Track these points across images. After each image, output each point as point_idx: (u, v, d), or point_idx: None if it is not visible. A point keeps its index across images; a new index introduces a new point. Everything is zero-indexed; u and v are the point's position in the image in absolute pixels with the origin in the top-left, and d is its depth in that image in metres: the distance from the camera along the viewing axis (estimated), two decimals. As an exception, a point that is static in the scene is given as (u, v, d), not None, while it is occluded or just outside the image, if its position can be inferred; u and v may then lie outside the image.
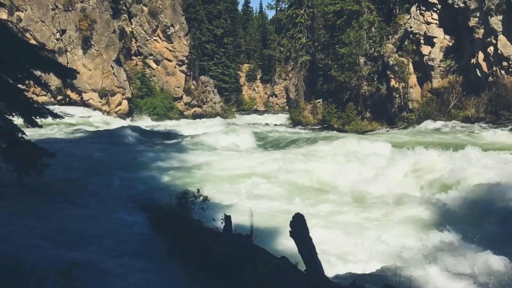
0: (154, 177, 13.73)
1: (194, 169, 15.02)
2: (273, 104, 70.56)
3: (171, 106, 44.12)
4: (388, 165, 14.01)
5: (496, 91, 27.29)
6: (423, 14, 32.68)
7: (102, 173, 13.59)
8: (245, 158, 17.18)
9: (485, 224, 9.20)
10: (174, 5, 45.15)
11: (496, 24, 27.84)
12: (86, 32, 38.50)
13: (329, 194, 12.05)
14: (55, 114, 10.77)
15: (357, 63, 34.19)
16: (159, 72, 45.16)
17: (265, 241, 7.56)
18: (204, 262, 6.63)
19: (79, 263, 4.60)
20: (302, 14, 41.87)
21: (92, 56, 39.14)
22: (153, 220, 8.89)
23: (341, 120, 33.86)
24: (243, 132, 24.76)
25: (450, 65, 31.28)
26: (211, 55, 57.00)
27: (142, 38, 44.55)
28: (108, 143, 20.32)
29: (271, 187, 12.61)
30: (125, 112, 40.07)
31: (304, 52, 42.39)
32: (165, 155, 17.63)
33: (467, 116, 27.93)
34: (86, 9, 38.94)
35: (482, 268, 7.04)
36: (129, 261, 6.89)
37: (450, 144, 17.61)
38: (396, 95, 33.38)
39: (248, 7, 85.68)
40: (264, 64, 72.69)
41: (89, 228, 8.35)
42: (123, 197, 11.06)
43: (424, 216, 10.00)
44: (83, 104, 39.16)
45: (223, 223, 6.94)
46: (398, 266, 6.22)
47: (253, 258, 6.14)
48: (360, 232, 9.09)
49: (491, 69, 28.39)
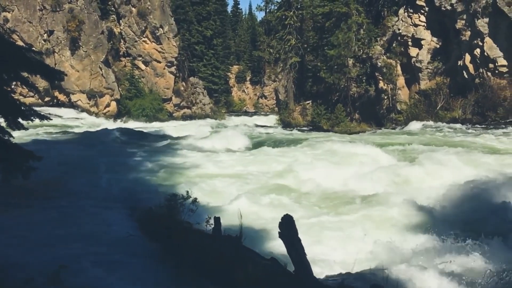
0: (142, 178, 13.66)
1: (182, 170, 14.98)
2: (262, 105, 70.60)
3: (160, 108, 43.93)
4: (371, 166, 14.15)
5: (482, 92, 27.65)
6: (411, 16, 33.01)
7: (90, 175, 13.49)
8: (235, 159, 17.16)
9: (469, 224, 9.33)
10: (163, 6, 45.00)
11: (482, 26, 28.21)
12: (74, 33, 38.21)
13: (313, 195, 12.06)
14: (42, 115, 10.64)
15: (346, 64, 34.39)
16: (148, 73, 44.95)
17: (254, 243, 7.57)
18: (193, 264, 6.62)
19: (66, 266, 4.57)
20: (291, 16, 41.98)
21: (80, 57, 38.84)
22: (141, 222, 8.85)
23: (330, 122, 34.01)
24: (233, 134, 24.74)
25: (437, 67, 31.62)
26: (201, 56, 56.87)
27: (131, 39, 44.31)
28: (96, 145, 20.16)
29: (260, 189, 12.61)
30: (114, 114, 39.81)
31: (294, 53, 42.50)
32: (153, 156, 17.55)
33: (454, 117, 28.27)
34: (74, 10, 38.64)
35: (466, 267, 7.14)
36: (118, 263, 6.85)
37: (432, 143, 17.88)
38: (385, 96, 33.64)
39: (238, 8, 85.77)
40: (253, 65, 72.73)
41: (76, 230, 8.28)
42: (111, 199, 10.99)
43: (409, 217, 10.09)
44: (71, 105, 38.84)
45: (213, 225, 6.93)
46: (385, 266, 6.28)
47: (243, 260, 6.15)
48: (346, 233, 9.14)
49: (477, 71, 28.76)
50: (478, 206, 10.11)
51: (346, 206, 11.08)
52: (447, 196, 10.80)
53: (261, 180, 13.55)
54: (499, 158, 14.88)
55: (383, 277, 5.72)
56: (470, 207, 10.12)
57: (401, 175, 13.08)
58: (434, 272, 6.83)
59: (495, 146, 18.26)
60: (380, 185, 12.42)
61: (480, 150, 16.68)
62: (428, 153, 15.28)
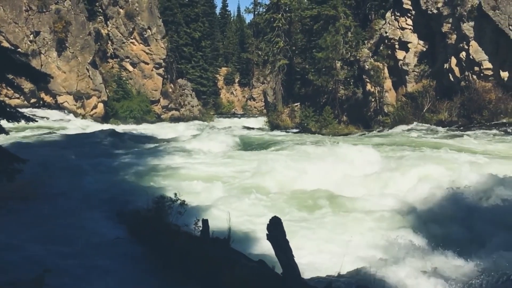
0: (130, 181, 13.57)
1: (170, 172, 14.92)
2: (251, 107, 70.65)
3: (148, 109, 43.71)
4: (356, 167, 14.26)
5: (468, 95, 28.00)
6: (398, 19, 33.32)
7: (76, 178, 13.35)
8: (223, 161, 17.15)
9: (452, 225, 9.44)
10: (151, 7, 44.82)
11: (468, 30, 28.59)
12: (61, 34, 37.85)
13: (303, 197, 12.10)
14: (28, 117, 10.52)
15: (334, 67, 34.59)
16: (135, 75, 44.70)
17: (242, 245, 7.58)
18: (181, 267, 6.60)
19: (52, 269, 4.52)
20: (280, 19, 42.14)
21: (67, 58, 38.49)
22: (129, 225, 8.80)
23: (318, 124, 34.15)
24: (221, 135, 24.72)
25: (424, 69, 31.95)
26: (189, 58, 56.73)
27: (119, 41, 44.04)
28: (83, 147, 19.99)
29: (249, 191, 12.61)
30: (101, 115, 39.50)
31: (282, 56, 42.65)
32: (141, 158, 17.45)
33: (441, 120, 28.57)
34: (61, 10, 38.29)
35: (451, 267, 7.23)
36: (105, 265, 6.80)
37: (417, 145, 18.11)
38: (372, 99, 33.89)
39: (226, 10, 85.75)
40: (242, 67, 72.76)
41: (62, 232, 8.20)
42: (98, 202, 10.90)
43: (395, 218, 10.18)
44: (57, 107, 38.43)
45: (201, 227, 6.92)
46: (372, 267, 6.33)
47: (231, 262, 6.15)
48: (332, 234, 9.19)
49: (463, 74, 29.13)
50: (461, 207, 10.24)
51: (330, 208, 11.13)
52: (437, 199, 10.91)
53: (249, 182, 13.54)
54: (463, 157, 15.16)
55: (369, 279, 5.77)
56: (458, 210, 10.23)
57: (390, 178, 13.16)
58: (420, 273, 6.90)
59: (466, 147, 18.56)
60: (363, 187, 12.50)
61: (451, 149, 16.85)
62: (417, 154, 15.51)
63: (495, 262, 7.31)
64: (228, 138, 23.98)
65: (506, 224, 9.12)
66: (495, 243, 8.33)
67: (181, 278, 6.47)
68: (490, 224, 9.30)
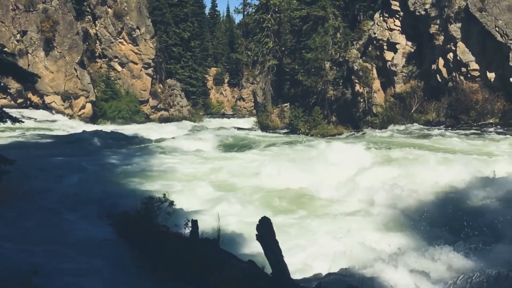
0: (118, 182, 13.48)
1: (159, 173, 14.85)
2: (240, 108, 70.60)
3: (137, 110, 43.47)
4: (345, 167, 14.35)
5: (455, 96, 28.29)
6: (386, 20, 33.54)
7: (64, 179, 13.23)
8: (212, 161, 17.11)
9: (443, 223, 9.52)
10: (140, 7, 44.59)
11: (455, 31, 28.89)
12: (48, 33, 37.48)
13: (292, 197, 12.13)
14: (15, 118, 10.43)
15: (323, 68, 34.71)
16: (124, 75, 44.42)
17: (232, 245, 7.58)
18: (170, 268, 6.57)
19: (39, 271, 4.47)
20: (269, 19, 42.17)
21: (54, 58, 38.12)
22: (118, 226, 8.73)
23: (307, 124, 34.23)
24: (209, 136, 24.68)
25: (412, 70, 32.20)
26: (178, 58, 56.53)
27: (107, 40, 43.73)
28: (70, 148, 19.82)
29: (238, 191, 12.61)
30: (89, 116, 39.19)
31: (271, 56, 42.69)
32: (129, 159, 17.35)
33: (428, 120, 28.82)
34: (48, 10, 37.91)
35: (441, 266, 7.29)
36: (94, 267, 6.74)
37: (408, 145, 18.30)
38: (361, 99, 34.08)
39: (215, 10, 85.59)
40: (231, 68, 72.68)
41: (51, 234, 8.12)
42: (86, 203, 10.80)
43: (384, 216, 10.25)
44: (45, 107, 38.04)
45: (190, 228, 6.90)
46: (361, 267, 6.37)
47: (220, 263, 6.14)
48: (322, 234, 9.22)
49: (450, 74, 29.42)
50: (452, 207, 10.34)
51: (320, 208, 11.18)
52: (427, 198, 11.00)
53: (238, 182, 13.54)
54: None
55: (358, 278, 5.80)
56: (445, 208, 10.34)
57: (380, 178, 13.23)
58: (409, 272, 6.95)
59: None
60: (355, 186, 12.56)
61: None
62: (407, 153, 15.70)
63: (485, 260, 7.39)
64: (217, 138, 23.94)
65: (493, 222, 9.23)
66: (483, 241, 8.42)
67: (170, 279, 6.45)
68: (476, 222, 9.40)
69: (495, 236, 8.75)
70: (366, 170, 13.94)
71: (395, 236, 8.75)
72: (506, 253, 7.85)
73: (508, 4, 27.24)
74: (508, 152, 16.99)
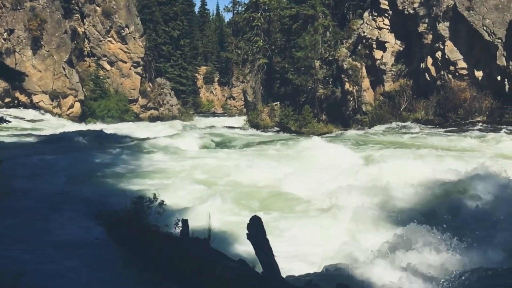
0: (108, 182, 13.38)
1: (149, 173, 14.78)
2: (231, 106, 70.58)
3: (126, 109, 43.23)
4: (334, 164, 14.42)
5: (444, 94, 28.55)
6: (375, 19, 33.71)
7: (52, 179, 13.10)
8: (202, 160, 17.05)
9: (434, 220, 9.58)
10: (129, 5, 44.32)
11: (443, 30, 29.14)
12: (36, 32, 37.11)
13: (279, 196, 12.14)
14: (1, 118, 10.31)
15: (313, 66, 34.79)
16: (113, 73, 44.13)
17: (223, 245, 7.56)
18: (160, 268, 6.53)
19: (26, 273, 4.41)
20: (259, 18, 42.13)
21: (42, 57, 37.74)
22: (107, 226, 8.66)
23: (298, 123, 34.31)
24: (200, 134, 24.62)
25: (401, 69, 32.42)
26: (168, 57, 56.33)
27: (95, 39, 43.40)
28: (59, 147, 19.63)
29: (229, 190, 12.59)
30: (78, 115, 38.89)
31: (261, 55, 42.66)
32: (118, 158, 17.24)
33: (417, 118, 29.06)
34: (36, 8, 37.52)
35: (432, 264, 7.33)
36: (82, 267, 6.68)
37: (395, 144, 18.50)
38: (350, 98, 34.22)
39: (205, 9, 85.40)
40: (221, 66, 72.60)
41: (38, 234, 8.02)
42: (75, 203, 10.70)
43: (374, 214, 10.30)
44: (33, 106, 37.68)
45: (180, 228, 6.86)
46: (351, 264, 6.39)
47: (211, 262, 6.12)
48: (312, 232, 9.24)
49: (439, 73, 29.68)
50: (447, 204, 10.41)
51: (308, 205, 11.20)
52: (417, 194, 11.07)
53: (229, 181, 13.52)
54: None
55: (349, 275, 5.82)
56: (440, 205, 10.41)
57: (369, 174, 13.32)
58: (399, 269, 6.99)
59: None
60: (344, 183, 12.61)
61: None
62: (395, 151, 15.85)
63: (474, 257, 7.45)
64: (207, 137, 23.90)
65: (481, 219, 9.31)
66: (472, 239, 8.50)
67: (161, 280, 6.40)
68: (465, 219, 9.49)
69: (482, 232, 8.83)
70: (349, 168, 14.02)
71: (384, 233, 8.78)
72: (495, 250, 7.93)
73: (495, 3, 27.54)
74: (484, 148, 17.56)
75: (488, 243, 8.16)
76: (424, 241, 7.98)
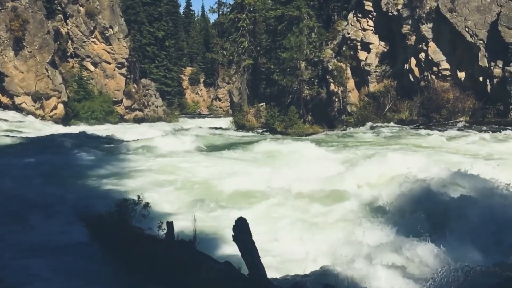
0: (91, 184, 13.20)
1: (133, 174, 14.62)
2: (217, 107, 70.41)
3: (111, 110, 42.77)
4: (318, 164, 14.50)
5: (427, 95, 28.89)
6: (360, 21, 33.98)
7: (32, 181, 12.85)
8: (187, 162, 16.95)
9: (418, 218, 9.65)
10: (113, 6, 43.90)
11: (426, 31, 29.49)
12: (18, 32, 36.50)
13: (265, 196, 12.11)
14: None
15: (298, 67, 34.91)
16: (97, 74, 43.66)
17: (208, 247, 7.51)
18: (145, 270, 6.46)
19: (4, 279, 4.30)
20: (244, 19, 42.12)
21: (24, 57, 37.14)
22: (91, 229, 8.54)
23: (284, 124, 34.40)
24: (185, 136, 24.47)
25: (385, 70, 32.72)
26: (153, 57, 55.97)
27: (79, 40, 42.90)
28: (41, 149, 19.30)
29: (213, 192, 12.53)
30: (61, 117, 38.36)
31: (247, 56, 42.65)
32: (102, 161, 17.02)
33: (402, 119, 29.35)
34: (18, 8, 36.93)
35: (418, 261, 7.38)
36: (66, 272, 6.57)
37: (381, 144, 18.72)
38: (336, 99, 34.42)
39: (190, 10, 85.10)
40: (207, 67, 72.38)
41: (19, 239, 7.86)
42: (58, 206, 10.51)
43: (359, 213, 10.34)
44: (15, 108, 37.02)
45: (165, 230, 6.80)
46: (337, 265, 6.39)
47: (197, 264, 6.08)
48: (297, 232, 9.23)
49: (422, 74, 30.02)
50: (431, 201, 10.48)
51: (294, 205, 11.20)
52: (401, 193, 11.12)
53: (214, 182, 13.46)
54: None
55: (335, 277, 5.82)
56: (423, 203, 10.47)
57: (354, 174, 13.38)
58: (387, 269, 7.01)
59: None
60: (328, 182, 12.64)
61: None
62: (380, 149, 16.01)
63: (462, 255, 7.51)
64: (192, 138, 23.76)
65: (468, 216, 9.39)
66: (459, 236, 8.58)
67: (146, 283, 6.33)
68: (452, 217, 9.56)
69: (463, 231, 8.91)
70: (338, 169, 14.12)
71: (371, 233, 8.80)
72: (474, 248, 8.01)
73: (477, 5, 27.96)
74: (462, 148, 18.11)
75: (470, 241, 8.24)
76: (409, 240, 8.04)
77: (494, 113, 26.61)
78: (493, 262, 7.23)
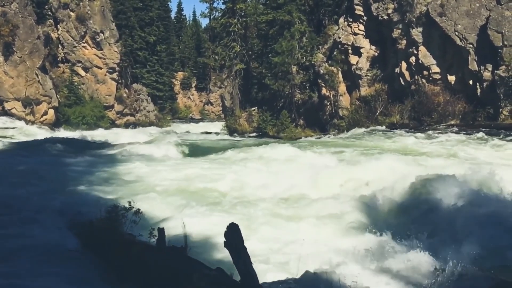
0: (82, 190, 13.09)
1: (124, 181, 14.54)
2: (209, 112, 70.36)
3: (102, 115, 42.55)
4: (310, 168, 14.52)
5: (418, 98, 29.07)
6: (351, 25, 34.14)
7: (24, 188, 12.69)
8: (177, 168, 16.87)
9: (410, 223, 9.69)
10: (104, 11, 43.76)
11: (417, 35, 29.71)
12: (8, 37, 36.26)
13: (255, 200, 12.09)
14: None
15: (290, 72, 34.99)
16: (88, 80, 43.45)
17: (200, 253, 7.46)
18: (137, 277, 6.40)
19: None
20: (236, 23, 42.16)
21: (14, 63, 36.88)
22: (82, 236, 8.45)
23: (276, 128, 34.43)
24: (176, 141, 24.39)
25: (376, 74, 32.87)
26: (144, 62, 55.81)
27: (70, 45, 42.69)
28: (31, 155, 19.13)
29: (204, 198, 12.48)
30: (52, 122, 38.09)
31: (239, 60, 42.66)
32: (93, 167, 16.90)
33: (393, 122, 29.48)
34: (8, 13, 36.69)
35: (410, 266, 7.39)
36: (56, 280, 6.48)
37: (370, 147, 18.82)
38: (327, 103, 34.52)
39: (182, 14, 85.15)
40: (198, 72, 72.34)
41: (9, 246, 7.75)
42: (48, 213, 10.38)
43: (352, 218, 10.34)
44: (5, 113, 36.73)
45: (156, 236, 6.75)
46: (328, 270, 6.38)
47: (188, 271, 6.03)
48: (289, 236, 9.22)
49: (413, 77, 30.21)
50: (418, 204, 10.53)
51: (286, 209, 11.19)
52: (394, 198, 11.16)
53: (205, 188, 13.42)
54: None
55: (326, 281, 5.81)
56: (409, 205, 10.52)
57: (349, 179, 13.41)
58: (376, 272, 7.01)
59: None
60: (320, 187, 12.67)
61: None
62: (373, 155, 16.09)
63: (452, 258, 7.53)
64: (183, 143, 23.70)
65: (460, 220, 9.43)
66: (450, 240, 8.60)
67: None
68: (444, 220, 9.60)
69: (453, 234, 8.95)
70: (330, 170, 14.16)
71: (362, 238, 8.82)
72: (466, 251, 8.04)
73: (466, 9, 28.23)
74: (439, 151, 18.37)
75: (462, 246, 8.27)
76: (399, 244, 8.06)
77: (485, 116, 26.81)
78: (485, 266, 7.26)
